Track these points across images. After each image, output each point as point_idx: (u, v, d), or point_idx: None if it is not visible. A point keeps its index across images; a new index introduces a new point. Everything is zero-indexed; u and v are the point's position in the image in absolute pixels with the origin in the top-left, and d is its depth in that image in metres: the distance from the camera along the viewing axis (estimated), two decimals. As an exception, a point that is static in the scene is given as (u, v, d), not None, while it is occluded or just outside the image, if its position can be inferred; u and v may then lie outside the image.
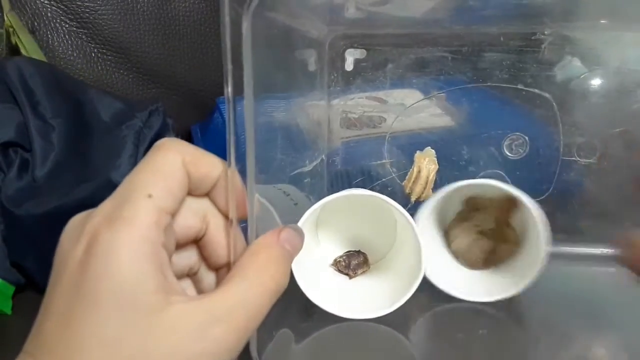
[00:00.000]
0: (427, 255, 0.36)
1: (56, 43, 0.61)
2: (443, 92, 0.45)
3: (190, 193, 0.26)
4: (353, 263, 0.40)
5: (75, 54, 0.62)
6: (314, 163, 0.43)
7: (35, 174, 0.50)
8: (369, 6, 0.40)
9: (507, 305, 0.38)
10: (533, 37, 0.43)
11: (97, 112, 0.55)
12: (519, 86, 0.44)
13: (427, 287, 0.37)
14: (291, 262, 0.27)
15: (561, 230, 0.45)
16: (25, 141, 0.51)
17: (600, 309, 0.40)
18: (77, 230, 0.23)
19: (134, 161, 0.52)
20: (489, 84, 0.44)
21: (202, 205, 0.27)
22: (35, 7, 0.59)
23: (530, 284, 0.37)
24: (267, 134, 0.38)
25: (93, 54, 0.62)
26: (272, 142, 0.39)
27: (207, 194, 0.27)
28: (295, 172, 0.41)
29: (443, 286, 0.38)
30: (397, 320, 0.36)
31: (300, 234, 0.29)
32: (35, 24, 0.60)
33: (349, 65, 0.45)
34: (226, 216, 0.27)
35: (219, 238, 0.27)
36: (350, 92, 0.46)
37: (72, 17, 0.61)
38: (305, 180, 0.42)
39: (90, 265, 0.22)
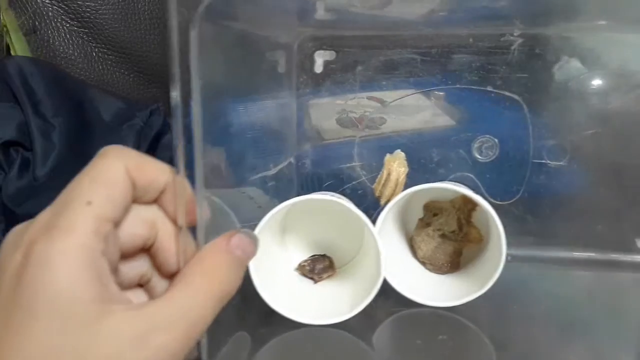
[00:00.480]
0: (389, 260, 0.36)
1: (57, 42, 0.61)
2: (442, 92, 0.45)
3: (138, 200, 0.26)
4: (318, 267, 0.40)
5: (76, 54, 0.62)
6: (280, 166, 0.43)
7: (36, 173, 0.51)
8: (337, 6, 0.40)
9: (470, 311, 0.37)
10: (502, 39, 0.43)
11: (98, 111, 0.56)
12: (489, 88, 0.43)
13: (390, 292, 0.37)
14: (243, 268, 0.27)
15: (531, 233, 0.45)
16: (26, 140, 0.51)
17: (570, 313, 0.39)
18: (15, 241, 0.23)
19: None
20: (457, 86, 0.44)
21: (150, 212, 0.26)
22: (36, 7, 0.60)
23: (492, 284, 0.36)
24: (231, 137, 0.38)
25: (94, 54, 0.63)
26: (237, 145, 0.38)
27: (156, 201, 0.26)
28: (259, 175, 0.41)
29: (405, 291, 0.38)
30: (358, 325, 0.36)
31: (253, 239, 0.28)
32: (37, 23, 0.60)
33: (318, 67, 0.45)
34: (176, 223, 0.27)
35: (169, 245, 0.27)
36: (320, 94, 0.46)
37: (73, 16, 0.61)
38: (270, 184, 0.42)
39: (26, 276, 0.21)
